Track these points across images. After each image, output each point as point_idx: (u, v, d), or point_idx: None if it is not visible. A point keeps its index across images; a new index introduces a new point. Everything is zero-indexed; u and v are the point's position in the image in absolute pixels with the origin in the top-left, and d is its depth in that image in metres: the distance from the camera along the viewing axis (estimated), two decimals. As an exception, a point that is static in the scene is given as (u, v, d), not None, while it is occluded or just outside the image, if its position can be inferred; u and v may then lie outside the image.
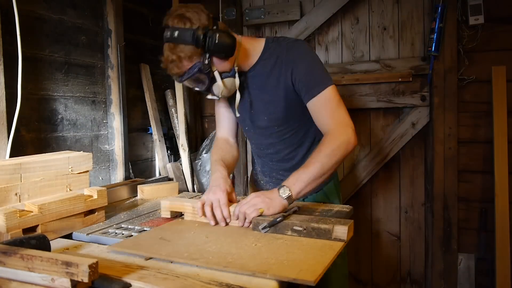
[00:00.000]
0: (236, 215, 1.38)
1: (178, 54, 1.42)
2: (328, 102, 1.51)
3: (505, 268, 2.28)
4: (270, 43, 1.61)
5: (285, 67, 1.54)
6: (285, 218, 1.32)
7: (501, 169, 2.32)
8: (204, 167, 2.85)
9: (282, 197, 1.37)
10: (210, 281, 0.93)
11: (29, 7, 1.86)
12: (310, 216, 1.38)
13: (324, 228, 1.24)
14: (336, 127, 1.48)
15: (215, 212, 1.40)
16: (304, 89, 1.52)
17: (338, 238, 1.22)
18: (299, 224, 1.28)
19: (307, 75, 1.52)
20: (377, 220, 2.74)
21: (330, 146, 1.43)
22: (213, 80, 1.49)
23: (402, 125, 2.59)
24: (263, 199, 1.37)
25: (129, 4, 2.51)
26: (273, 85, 1.58)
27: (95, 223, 1.49)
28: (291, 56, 1.54)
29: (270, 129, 1.68)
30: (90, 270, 0.82)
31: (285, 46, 1.58)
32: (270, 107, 1.62)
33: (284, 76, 1.55)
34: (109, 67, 2.29)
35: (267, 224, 1.30)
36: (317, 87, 1.51)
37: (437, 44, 2.38)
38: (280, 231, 1.30)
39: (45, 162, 1.40)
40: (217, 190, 1.44)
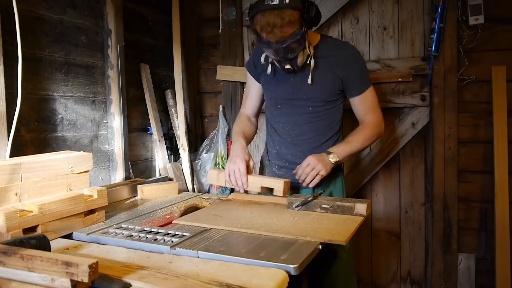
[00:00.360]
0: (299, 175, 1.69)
1: (289, 18, 1.56)
2: (372, 99, 1.85)
3: (505, 268, 2.28)
4: (325, 37, 1.88)
5: (342, 60, 1.78)
6: (315, 198, 1.58)
7: (501, 169, 2.32)
8: (204, 167, 2.85)
9: (331, 161, 1.69)
10: (210, 281, 0.93)
11: (29, 7, 1.86)
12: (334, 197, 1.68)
13: (347, 206, 1.52)
14: (376, 120, 1.85)
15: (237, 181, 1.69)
16: (355, 84, 1.81)
17: (359, 213, 1.50)
18: (326, 203, 1.56)
19: (360, 73, 1.82)
20: (377, 220, 2.74)
21: (371, 132, 1.82)
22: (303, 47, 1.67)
23: (402, 125, 2.60)
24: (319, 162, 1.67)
25: (129, 4, 2.50)
26: (324, 68, 1.78)
27: (95, 223, 1.49)
28: (349, 54, 1.81)
29: (304, 108, 1.84)
30: (90, 270, 0.82)
31: (341, 43, 1.94)
32: (314, 88, 1.79)
33: (339, 66, 1.78)
34: (109, 67, 2.29)
35: (300, 203, 1.57)
36: (365, 85, 1.83)
37: (437, 44, 2.38)
38: (310, 209, 1.57)
39: (45, 162, 1.41)
40: (237, 160, 1.70)
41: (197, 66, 3.10)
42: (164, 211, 1.69)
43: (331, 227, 1.34)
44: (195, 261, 1.11)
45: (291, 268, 1.05)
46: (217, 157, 2.85)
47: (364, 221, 1.47)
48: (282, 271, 1.03)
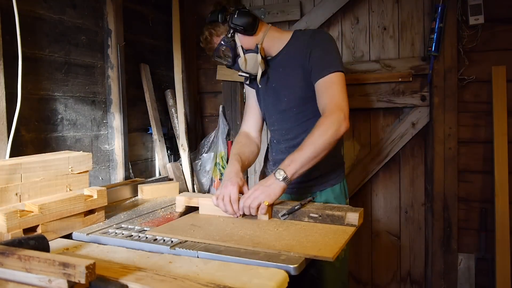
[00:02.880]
0: (241, 209, 1.48)
1: (209, 31, 1.74)
2: (332, 84, 1.61)
3: (505, 268, 2.28)
4: (298, 32, 1.80)
5: (305, 49, 1.69)
6: (302, 206, 1.47)
7: (501, 169, 2.31)
8: (204, 167, 2.85)
9: (278, 179, 1.46)
10: (208, 283, 0.93)
11: (29, 7, 1.86)
12: (323, 205, 1.55)
13: (337, 215, 1.40)
14: (330, 110, 1.56)
15: (226, 207, 1.49)
16: (315, 68, 1.65)
17: (350, 223, 1.38)
18: (315, 211, 1.43)
19: (321, 57, 1.65)
20: (377, 220, 2.74)
21: (322, 127, 1.52)
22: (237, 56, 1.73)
23: (402, 125, 2.59)
24: (262, 190, 1.46)
25: (129, 4, 2.50)
26: (294, 66, 1.73)
27: (95, 223, 1.49)
28: (313, 40, 1.70)
29: (289, 111, 1.79)
30: (87, 271, 0.82)
31: (310, 32, 1.77)
32: (290, 87, 1.76)
33: (304, 57, 1.69)
34: (109, 67, 2.29)
35: (286, 211, 1.46)
36: (327, 69, 1.62)
37: (437, 44, 2.37)
38: (298, 218, 1.45)
39: (45, 162, 1.41)
40: (228, 184, 1.53)
41: (197, 66, 3.10)
42: (164, 211, 1.69)
43: (319, 240, 1.23)
44: (195, 261, 1.11)
45: (291, 268, 1.05)
46: (217, 157, 2.86)
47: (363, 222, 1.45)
48: (282, 271, 1.03)
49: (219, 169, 2.85)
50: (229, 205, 1.48)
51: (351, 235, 1.30)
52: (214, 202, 1.52)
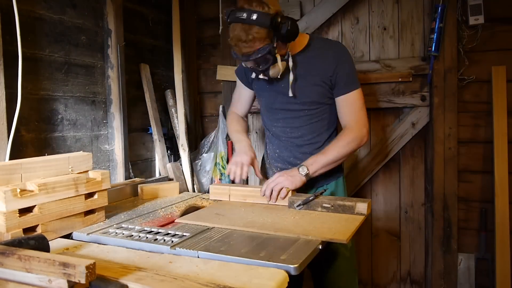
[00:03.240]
0: (263, 191, 1.66)
1: (253, 35, 1.56)
2: (356, 102, 1.78)
3: (505, 268, 2.28)
4: (315, 37, 1.86)
5: (330, 59, 1.76)
6: (316, 198, 1.59)
7: (501, 169, 2.31)
8: (204, 167, 2.85)
9: (301, 174, 1.66)
10: (209, 283, 0.93)
11: (29, 7, 1.86)
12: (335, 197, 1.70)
13: (348, 205, 1.53)
14: (355, 124, 1.76)
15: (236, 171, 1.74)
16: (340, 84, 1.77)
17: (359, 212, 1.51)
18: (327, 202, 1.56)
19: (347, 74, 1.77)
20: (377, 220, 2.74)
21: (347, 138, 1.74)
22: (274, 62, 1.67)
23: (402, 125, 2.59)
24: (286, 177, 1.65)
25: (129, 4, 2.50)
26: (313, 70, 1.77)
27: (95, 223, 1.49)
28: (338, 53, 1.78)
29: (299, 112, 1.84)
30: (87, 271, 0.82)
31: (329, 43, 1.89)
32: (305, 90, 1.80)
33: (327, 66, 1.75)
34: (109, 67, 2.29)
35: (301, 202, 1.58)
36: (351, 86, 1.77)
37: (437, 44, 2.37)
38: (312, 208, 1.58)
39: (45, 162, 1.41)
40: (243, 155, 1.78)
41: (197, 66, 3.10)
42: (164, 211, 1.69)
43: (333, 226, 1.36)
44: (195, 261, 1.11)
45: (291, 268, 1.05)
46: (217, 157, 2.85)
47: (364, 220, 1.48)
48: (282, 271, 1.03)
49: (219, 169, 2.85)
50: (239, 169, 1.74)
51: (361, 223, 1.43)
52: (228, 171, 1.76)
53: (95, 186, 1.48)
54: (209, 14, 3.01)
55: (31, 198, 1.27)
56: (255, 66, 1.69)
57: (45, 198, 1.31)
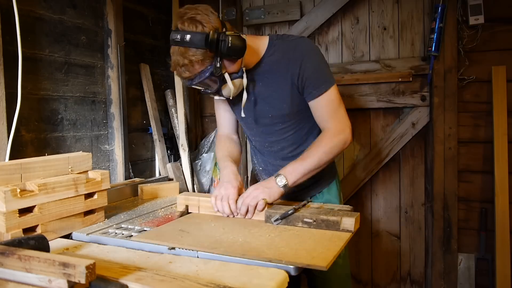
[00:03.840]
0: (239, 208, 1.47)
1: (189, 59, 1.40)
2: (330, 102, 1.58)
3: (505, 268, 2.28)
4: (274, 40, 1.62)
5: (292, 64, 1.56)
6: (296, 211, 1.41)
7: (501, 169, 2.31)
8: (204, 167, 2.85)
9: (278, 185, 1.48)
10: (208, 283, 0.93)
11: (29, 7, 1.87)
12: (318, 209, 1.47)
13: (332, 220, 1.33)
14: (335, 126, 1.57)
15: (223, 207, 1.49)
16: (309, 87, 1.56)
17: (346, 229, 1.32)
18: (309, 216, 1.37)
19: (313, 74, 1.55)
20: (377, 220, 2.74)
21: (328, 143, 1.55)
22: (223, 82, 1.49)
23: (402, 125, 2.59)
24: (262, 190, 1.47)
25: (129, 4, 2.51)
26: (279, 81, 1.59)
27: (94, 223, 1.49)
28: (299, 53, 1.56)
29: (274, 126, 1.69)
30: (87, 271, 0.82)
31: (291, 42, 1.60)
32: (275, 104, 1.63)
33: (290, 72, 1.56)
34: (109, 67, 2.29)
35: (279, 216, 1.39)
36: (321, 86, 1.56)
37: (437, 44, 2.37)
38: (291, 223, 1.39)
39: (45, 162, 1.41)
40: (229, 186, 1.52)
41: (197, 66, 3.10)
42: (164, 211, 1.69)
43: (312, 247, 1.18)
44: (195, 261, 1.11)
45: (291, 268, 1.05)
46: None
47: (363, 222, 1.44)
48: (282, 271, 1.03)
49: (219, 169, 2.84)
50: (226, 207, 1.48)
51: (346, 242, 1.25)
52: (213, 202, 1.52)
53: (95, 186, 1.49)
54: (209, 14, 3.00)
55: (31, 198, 1.27)
56: (203, 89, 1.54)
57: (45, 198, 1.31)
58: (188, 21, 1.39)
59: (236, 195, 1.50)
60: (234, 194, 1.50)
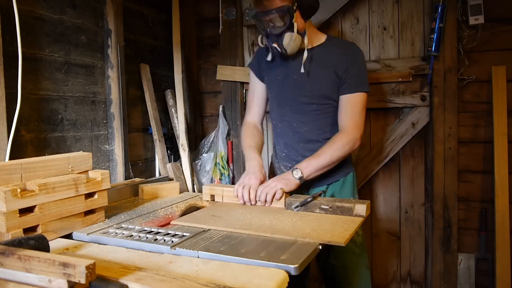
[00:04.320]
0: (259, 196, 1.63)
1: None
2: (357, 104, 1.80)
3: (505, 268, 2.28)
4: (333, 37, 1.92)
5: (344, 58, 1.79)
6: (314, 199, 1.57)
7: (501, 169, 2.31)
8: (204, 167, 2.85)
9: (295, 177, 1.66)
10: (209, 283, 0.93)
11: (29, 7, 1.87)
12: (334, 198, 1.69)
13: (347, 206, 1.51)
14: (351, 127, 1.77)
15: (244, 194, 1.64)
16: (347, 83, 1.79)
17: (358, 214, 1.48)
18: (326, 203, 1.54)
19: (357, 74, 1.79)
20: (377, 220, 2.74)
21: (341, 142, 1.75)
22: (288, 29, 1.69)
23: (402, 125, 2.59)
24: (280, 181, 1.65)
25: (129, 4, 2.51)
26: (328, 66, 1.80)
27: (95, 223, 1.49)
28: (354, 53, 1.82)
29: (309, 106, 1.85)
30: (87, 271, 0.82)
31: (348, 43, 1.95)
32: (317, 84, 1.82)
33: (340, 63, 1.79)
34: (109, 67, 2.29)
35: (299, 203, 1.56)
36: (358, 86, 1.79)
37: (437, 44, 2.37)
38: (310, 210, 1.56)
39: (45, 162, 1.40)
40: (252, 177, 1.69)
41: (197, 66, 3.10)
42: (164, 211, 1.69)
43: (330, 228, 1.34)
44: (195, 261, 1.11)
45: (291, 268, 1.04)
46: (217, 157, 2.86)
47: (364, 221, 1.47)
48: (282, 271, 1.03)
49: (219, 169, 2.85)
50: (247, 193, 1.64)
51: (359, 225, 1.41)
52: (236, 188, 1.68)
53: (95, 186, 1.49)
54: (209, 14, 3.01)
55: (31, 198, 1.27)
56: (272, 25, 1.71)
57: (45, 198, 1.31)
58: None
59: (257, 185, 1.66)
60: (256, 185, 1.66)
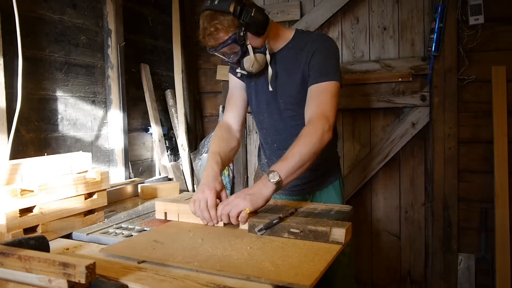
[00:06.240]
0: (220, 216, 1.36)
1: (216, 26, 1.49)
2: (324, 93, 1.57)
3: (505, 268, 2.28)
4: (300, 33, 1.72)
5: (306, 53, 1.63)
6: (282, 220, 1.29)
7: (501, 169, 2.31)
8: (204, 167, 2.84)
9: (271, 182, 1.36)
10: (208, 283, 0.93)
11: (29, 7, 1.87)
12: (307, 218, 1.36)
13: (321, 231, 1.21)
14: (316, 119, 1.51)
15: (203, 213, 1.38)
16: (312, 74, 1.61)
17: (335, 240, 1.19)
18: (296, 226, 1.25)
19: (320, 63, 1.60)
20: (377, 220, 2.74)
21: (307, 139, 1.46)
22: (245, 54, 1.58)
23: (402, 125, 2.59)
24: (244, 197, 1.35)
25: (129, 4, 2.51)
26: (295, 69, 1.66)
27: (94, 223, 1.49)
28: (315, 45, 1.63)
29: (284, 112, 1.74)
30: (87, 271, 0.82)
31: (313, 36, 1.69)
32: (287, 89, 1.69)
33: (304, 61, 1.63)
34: (109, 67, 2.29)
35: (263, 226, 1.27)
36: (324, 76, 1.58)
37: (437, 44, 2.38)
38: (277, 234, 1.27)
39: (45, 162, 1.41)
40: (205, 189, 1.42)
41: (197, 66, 3.10)
42: (164, 211, 1.68)
43: (297, 262, 1.06)
44: (194, 262, 1.10)
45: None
46: (217, 157, 2.85)
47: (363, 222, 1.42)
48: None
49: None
50: (205, 211, 1.38)
51: (335, 255, 1.12)
52: (191, 209, 1.41)
53: (95, 186, 1.49)
54: (209, 14, 3.00)
55: (32, 198, 1.27)
56: (227, 57, 1.61)
57: (45, 198, 1.31)
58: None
59: (213, 199, 1.40)
60: (212, 198, 1.40)
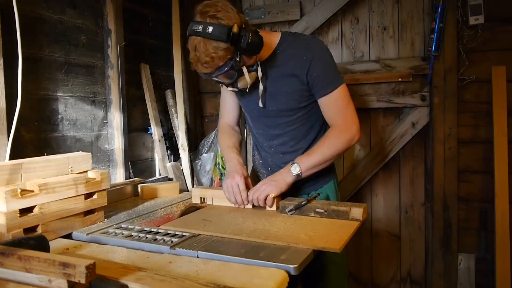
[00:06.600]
0: (251, 201, 1.59)
1: (211, 55, 1.43)
2: (339, 100, 1.65)
3: (505, 268, 2.28)
4: (287, 36, 1.69)
5: (303, 61, 1.62)
6: (308, 202, 1.51)
7: (501, 169, 2.31)
8: (204, 167, 2.85)
9: (292, 173, 1.57)
10: (208, 283, 0.93)
11: (29, 7, 1.87)
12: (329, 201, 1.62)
13: (342, 210, 1.44)
14: (343, 123, 1.64)
15: (236, 197, 1.59)
16: (318, 85, 1.63)
17: (354, 218, 1.42)
18: (320, 207, 1.48)
19: (323, 73, 1.62)
20: (377, 220, 2.74)
21: (335, 139, 1.63)
22: (240, 75, 1.55)
23: (402, 125, 2.59)
24: (269, 183, 1.57)
25: (129, 4, 2.50)
26: (287, 76, 1.66)
27: (94, 223, 1.49)
28: (310, 52, 1.62)
29: (279, 119, 1.74)
30: (87, 271, 0.82)
31: (303, 41, 1.67)
32: (282, 98, 1.69)
33: (300, 69, 1.63)
34: (109, 67, 2.29)
35: (293, 207, 1.50)
36: (331, 85, 1.63)
37: (437, 44, 2.38)
38: (304, 213, 1.49)
39: (45, 162, 1.41)
40: (235, 175, 1.61)
41: (197, 66, 3.09)
42: (164, 211, 1.69)
43: (325, 233, 1.28)
44: (195, 261, 1.11)
45: (291, 268, 1.05)
46: (217, 157, 2.85)
47: (363, 222, 1.45)
48: (282, 271, 1.03)
49: (219, 169, 2.85)
50: (238, 195, 1.59)
51: (355, 229, 1.34)
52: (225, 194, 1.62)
53: (95, 186, 1.49)
54: (209, 14, 3.00)
55: (32, 198, 1.27)
56: (221, 82, 1.59)
57: (45, 198, 1.31)
58: (210, 17, 1.42)
59: (243, 183, 1.60)
60: (242, 182, 1.59)
